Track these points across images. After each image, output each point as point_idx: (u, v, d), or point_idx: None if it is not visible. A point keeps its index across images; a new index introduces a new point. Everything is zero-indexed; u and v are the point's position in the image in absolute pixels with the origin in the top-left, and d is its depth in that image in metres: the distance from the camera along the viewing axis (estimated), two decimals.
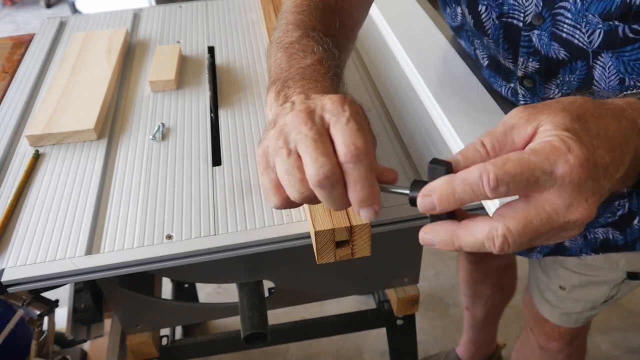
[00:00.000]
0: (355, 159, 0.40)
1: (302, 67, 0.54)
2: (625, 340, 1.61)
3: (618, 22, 0.59)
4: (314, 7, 0.63)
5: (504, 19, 0.68)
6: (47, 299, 0.76)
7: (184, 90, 0.89)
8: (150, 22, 1.10)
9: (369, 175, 0.41)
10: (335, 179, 0.40)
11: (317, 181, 0.40)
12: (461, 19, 0.78)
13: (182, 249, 0.61)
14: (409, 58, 0.87)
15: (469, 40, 0.80)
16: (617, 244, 0.82)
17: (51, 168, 0.75)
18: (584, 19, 0.60)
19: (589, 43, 0.62)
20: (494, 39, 0.71)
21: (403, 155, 0.73)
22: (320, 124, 0.42)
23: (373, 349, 1.62)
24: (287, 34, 0.60)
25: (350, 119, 0.42)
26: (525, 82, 0.71)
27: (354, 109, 0.43)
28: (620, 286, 0.88)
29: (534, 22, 0.65)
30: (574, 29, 0.62)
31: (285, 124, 0.43)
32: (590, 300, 0.90)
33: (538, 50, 0.67)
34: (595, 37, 0.61)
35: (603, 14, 0.59)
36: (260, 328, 0.74)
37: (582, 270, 0.87)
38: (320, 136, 0.41)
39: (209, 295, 1.77)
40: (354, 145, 0.40)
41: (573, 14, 0.61)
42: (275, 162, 0.43)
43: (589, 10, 0.59)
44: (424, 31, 0.94)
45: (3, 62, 1.01)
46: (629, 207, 0.79)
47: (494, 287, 1.30)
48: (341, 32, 0.65)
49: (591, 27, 0.61)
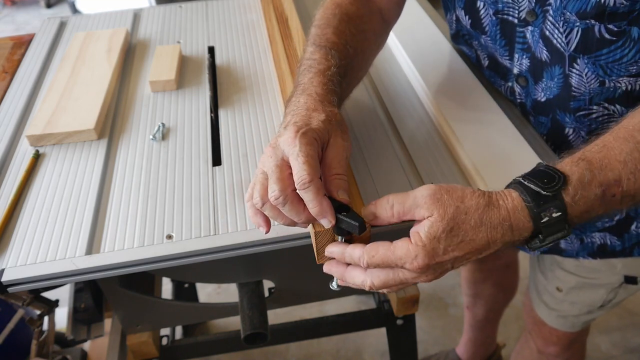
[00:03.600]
0: (302, 187, 0.50)
1: (304, 82, 0.61)
2: (625, 340, 1.61)
3: (594, 21, 0.59)
4: (331, 17, 0.68)
5: (499, 15, 0.68)
6: (47, 299, 0.76)
7: (184, 90, 0.89)
8: (150, 22, 1.10)
9: (316, 197, 0.50)
10: (282, 199, 0.51)
11: (272, 199, 0.51)
12: (456, 26, 0.79)
13: (182, 249, 0.61)
14: (409, 58, 0.87)
15: (468, 44, 0.80)
16: (615, 249, 0.82)
17: (51, 168, 0.75)
18: (562, 17, 0.61)
19: (566, 44, 0.63)
20: (491, 36, 0.71)
21: (403, 155, 0.73)
22: (281, 157, 0.53)
23: (373, 349, 1.62)
24: (305, 50, 0.66)
25: (298, 154, 0.51)
26: (519, 80, 0.72)
27: (304, 141, 0.52)
28: (617, 290, 0.88)
29: (528, 18, 0.66)
30: (554, 27, 0.63)
31: (264, 154, 0.55)
32: (587, 304, 0.90)
33: (530, 47, 0.68)
34: (572, 37, 0.62)
35: (579, 12, 0.59)
36: (260, 328, 0.74)
37: (580, 272, 0.87)
38: (276, 167, 0.52)
39: (209, 295, 1.77)
40: (299, 177, 0.50)
41: (554, 11, 0.62)
42: None
43: (567, 8, 0.60)
44: (424, 31, 0.94)
45: (3, 62, 1.01)
46: (627, 213, 0.79)
47: (496, 287, 1.30)
48: (358, 37, 0.67)
49: (569, 26, 0.61)
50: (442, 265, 0.50)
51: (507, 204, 0.49)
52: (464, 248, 0.49)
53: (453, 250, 0.49)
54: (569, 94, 0.67)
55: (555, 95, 0.69)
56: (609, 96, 0.66)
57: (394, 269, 0.51)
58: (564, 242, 0.83)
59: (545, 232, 0.49)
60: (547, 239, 0.50)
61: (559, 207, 0.48)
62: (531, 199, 0.49)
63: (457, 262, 0.50)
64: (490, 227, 0.49)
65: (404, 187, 0.67)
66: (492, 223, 0.49)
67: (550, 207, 0.48)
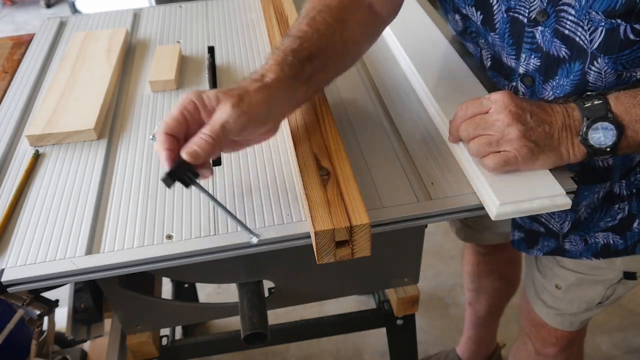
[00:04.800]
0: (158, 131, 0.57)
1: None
2: (625, 341, 1.61)
3: (621, 20, 0.59)
4: (310, 10, 0.70)
5: (511, 12, 0.69)
6: (47, 299, 0.76)
7: (184, 90, 0.89)
8: (150, 22, 1.10)
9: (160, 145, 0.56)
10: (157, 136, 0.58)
11: None
12: (462, 23, 0.79)
13: (182, 249, 0.61)
14: (409, 58, 0.87)
15: (474, 42, 0.80)
16: (618, 248, 0.82)
17: (51, 168, 0.75)
18: (587, 16, 0.61)
19: (589, 42, 0.63)
20: (499, 34, 0.72)
21: (403, 155, 0.73)
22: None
23: (373, 349, 1.62)
24: None
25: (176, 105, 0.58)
26: (525, 80, 0.72)
27: (184, 97, 0.57)
28: (616, 286, 0.88)
29: (538, 18, 0.66)
30: (577, 26, 0.63)
31: None
32: (586, 301, 0.90)
33: (540, 47, 0.68)
34: (596, 36, 0.62)
35: (607, 11, 0.59)
36: (260, 328, 0.74)
37: (579, 269, 0.87)
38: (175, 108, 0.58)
39: (209, 295, 1.77)
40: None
41: (577, 11, 0.62)
42: None
43: (593, 7, 0.60)
44: (424, 31, 0.94)
45: (3, 62, 1.01)
46: (629, 210, 0.79)
47: (500, 280, 1.30)
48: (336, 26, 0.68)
49: (593, 24, 0.61)
50: (523, 106, 0.61)
51: (559, 102, 0.63)
52: (532, 102, 0.62)
53: (530, 104, 0.61)
54: (584, 90, 0.67)
55: (567, 93, 0.69)
56: (622, 84, 0.67)
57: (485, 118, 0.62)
58: (568, 244, 0.84)
59: (589, 114, 0.60)
60: (592, 120, 0.60)
61: (599, 97, 0.61)
62: (578, 97, 0.62)
63: (534, 117, 0.61)
64: (549, 106, 0.62)
65: (404, 186, 0.67)
66: (550, 106, 0.62)
67: (593, 99, 0.61)
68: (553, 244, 0.85)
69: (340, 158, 0.64)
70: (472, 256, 1.30)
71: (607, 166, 0.74)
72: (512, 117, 0.60)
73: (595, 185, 0.76)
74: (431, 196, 0.66)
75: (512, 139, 0.60)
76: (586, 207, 0.79)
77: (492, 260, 1.27)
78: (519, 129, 0.60)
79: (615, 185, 0.77)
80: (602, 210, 0.79)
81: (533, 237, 0.86)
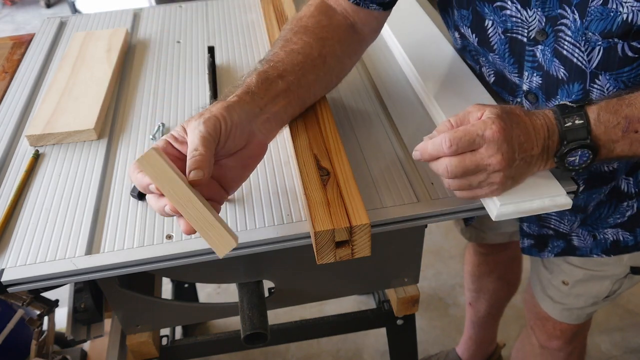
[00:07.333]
0: None
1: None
2: (625, 341, 1.61)
3: (618, 39, 0.59)
4: (288, 32, 0.71)
5: (508, 34, 0.69)
6: (47, 299, 0.76)
7: (184, 90, 0.89)
8: (150, 22, 1.10)
9: None
10: None
11: None
12: (461, 42, 0.79)
13: (182, 249, 0.61)
14: (409, 59, 0.87)
15: (474, 60, 0.81)
16: (628, 244, 0.83)
17: (51, 168, 0.75)
18: (582, 37, 0.61)
19: (587, 62, 0.63)
20: (499, 54, 0.72)
21: (403, 155, 0.73)
22: None
23: (373, 349, 1.62)
24: None
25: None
26: (529, 97, 0.72)
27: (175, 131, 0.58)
28: (622, 281, 0.88)
29: (538, 38, 0.66)
30: (573, 47, 0.63)
31: None
32: (593, 295, 0.91)
33: (542, 65, 0.68)
34: (594, 55, 0.62)
35: (604, 32, 0.59)
36: (260, 328, 0.73)
37: (587, 266, 0.87)
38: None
39: (209, 295, 1.77)
40: None
41: (573, 32, 0.62)
42: None
43: (589, 28, 0.60)
44: (424, 32, 0.94)
45: (3, 62, 1.01)
46: (638, 207, 0.79)
47: (500, 280, 1.30)
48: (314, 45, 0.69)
49: (590, 44, 0.61)
50: (512, 142, 0.56)
51: (542, 112, 0.59)
52: (521, 129, 0.57)
53: (516, 127, 0.56)
54: None
55: None
56: None
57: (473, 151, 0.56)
58: (577, 240, 0.84)
59: (569, 137, 0.57)
60: (570, 144, 0.57)
61: (581, 116, 0.57)
62: (559, 110, 0.58)
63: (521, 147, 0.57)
64: (532, 117, 0.58)
65: (404, 186, 0.67)
66: (532, 121, 0.58)
67: (574, 115, 0.57)
68: (562, 243, 0.86)
69: (340, 158, 0.64)
70: (472, 256, 1.30)
71: (613, 169, 0.75)
72: (503, 163, 0.55)
73: (602, 187, 0.77)
74: (431, 196, 0.66)
75: (494, 182, 0.58)
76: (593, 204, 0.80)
77: (492, 260, 1.28)
78: (505, 174, 0.57)
79: (622, 182, 0.77)
80: (610, 207, 0.80)
81: (543, 241, 0.87)
